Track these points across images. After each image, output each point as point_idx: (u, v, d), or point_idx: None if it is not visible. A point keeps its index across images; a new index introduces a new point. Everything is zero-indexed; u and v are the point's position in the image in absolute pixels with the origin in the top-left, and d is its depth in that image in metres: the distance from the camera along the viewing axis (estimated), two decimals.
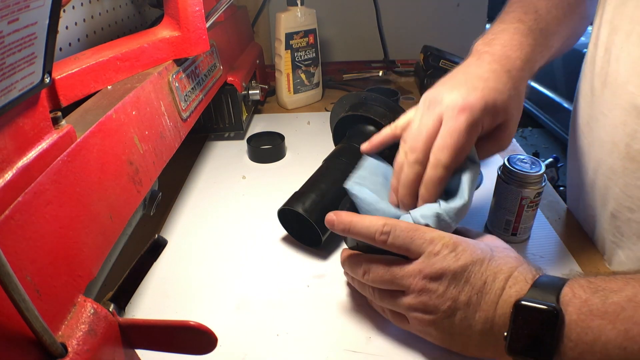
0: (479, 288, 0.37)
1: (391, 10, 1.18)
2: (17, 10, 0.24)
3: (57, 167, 0.31)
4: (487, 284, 0.37)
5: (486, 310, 0.37)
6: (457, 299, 0.38)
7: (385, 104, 0.63)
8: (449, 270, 0.38)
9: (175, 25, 0.55)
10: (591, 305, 0.33)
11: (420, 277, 0.39)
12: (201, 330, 0.31)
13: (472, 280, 0.38)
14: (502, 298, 0.37)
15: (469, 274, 0.38)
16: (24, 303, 0.23)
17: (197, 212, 0.65)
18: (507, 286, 0.37)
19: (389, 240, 0.40)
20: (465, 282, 0.38)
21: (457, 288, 0.38)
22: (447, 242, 0.39)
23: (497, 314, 0.37)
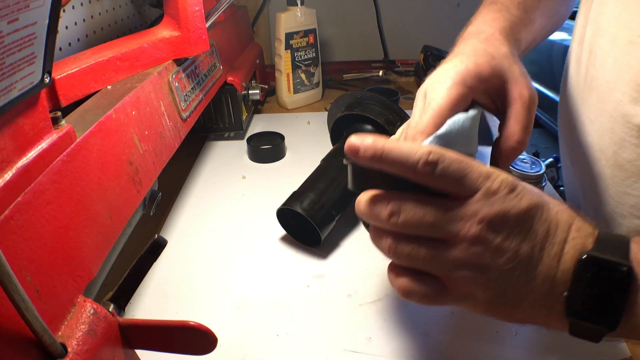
0: (542, 237, 0.30)
1: (391, 10, 1.18)
2: (17, 10, 0.24)
3: (57, 167, 0.31)
4: (551, 233, 0.31)
5: (548, 265, 0.30)
6: (518, 250, 0.30)
7: (381, 103, 0.63)
8: (511, 214, 0.30)
9: (175, 25, 0.55)
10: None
11: (476, 220, 0.30)
12: (201, 331, 0.31)
13: (536, 227, 0.30)
14: (565, 251, 0.30)
15: (532, 220, 0.31)
16: (23, 303, 0.23)
17: (197, 212, 0.65)
18: (569, 237, 0.31)
19: (438, 171, 0.30)
20: (527, 230, 0.30)
21: (519, 237, 0.30)
22: (505, 179, 0.31)
23: (559, 270, 0.30)
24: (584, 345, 0.43)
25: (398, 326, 0.46)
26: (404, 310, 0.48)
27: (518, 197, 0.30)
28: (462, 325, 0.46)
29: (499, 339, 0.45)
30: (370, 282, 0.52)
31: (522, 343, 0.44)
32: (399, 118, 0.62)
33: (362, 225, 0.62)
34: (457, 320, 0.47)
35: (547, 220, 0.31)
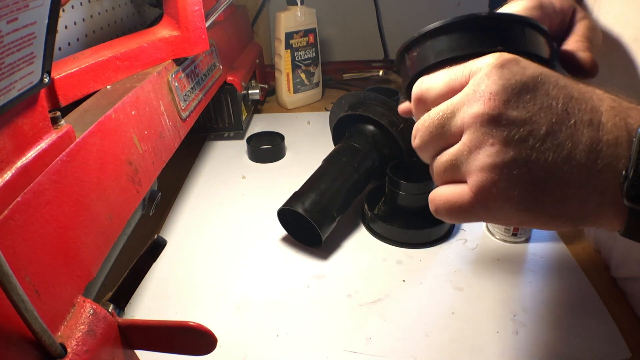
0: (565, 101, 0.26)
1: (391, 10, 1.18)
2: (16, 9, 0.24)
3: (57, 167, 0.31)
4: (574, 97, 0.26)
5: (584, 135, 0.25)
6: (537, 119, 0.25)
7: (384, 103, 0.63)
8: (514, 82, 0.26)
9: (175, 24, 0.55)
10: None
11: (477, 96, 0.26)
12: (201, 331, 0.31)
13: (551, 93, 0.26)
14: (603, 119, 0.25)
15: (543, 85, 0.26)
16: (23, 303, 0.23)
17: (196, 212, 0.65)
18: (603, 106, 0.26)
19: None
20: (543, 95, 0.26)
21: (532, 104, 0.26)
22: (500, 54, 0.27)
23: (603, 140, 0.25)
24: (584, 345, 0.43)
25: (398, 326, 0.46)
26: (404, 310, 0.48)
27: (521, 68, 0.27)
28: (462, 325, 0.46)
29: (499, 339, 0.44)
30: (370, 282, 0.52)
31: (522, 343, 0.44)
32: (401, 119, 0.62)
33: (365, 222, 0.62)
34: (457, 320, 0.47)
35: (565, 87, 0.26)
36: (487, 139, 0.26)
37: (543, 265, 0.53)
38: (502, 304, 0.48)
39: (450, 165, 0.28)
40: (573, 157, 0.25)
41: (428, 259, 0.55)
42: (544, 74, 0.26)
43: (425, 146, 0.30)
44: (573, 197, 0.25)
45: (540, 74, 0.26)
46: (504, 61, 0.27)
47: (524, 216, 0.27)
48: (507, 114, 0.25)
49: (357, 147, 0.62)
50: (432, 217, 0.59)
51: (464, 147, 0.27)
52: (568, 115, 0.25)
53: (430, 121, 0.29)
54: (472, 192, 0.27)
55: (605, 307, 0.47)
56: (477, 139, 0.26)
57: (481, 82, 0.27)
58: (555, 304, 0.48)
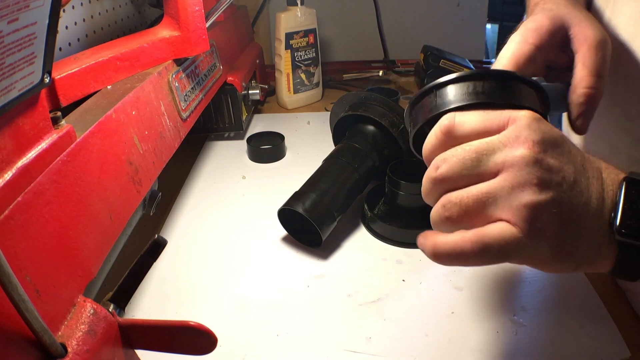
0: (581, 160, 0.31)
1: (391, 10, 1.18)
2: (17, 10, 0.24)
3: (57, 167, 0.31)
4: (586, 158, 0.31)
5: (595, 187, 0.30)
6: (567, 169, 0.29)
7: (385, 104, 0.63)
8: (550, 136, 0.30)
9: (175, 25, 0.55)
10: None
11: (521, 140, 0.29)
12: (201, 331, 0.31)
13: (573, 151, 0.31)
14: (604, 176, 0.31)
15: (568, 144, 0.31)
16: (23, 303, 0.23)
17: (197, 212, 0.65)
18: (603, 166, 0.31)
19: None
20: (568, 152, 0.30)
21: (562, 157, 0.30)
22: (532, 113, 0.31)
23: (607, 190, 0.30)
24: (584, 345, 0.43)
25: (398, 326, 0.46)
26: (404, 310, 0.48)
27: (550, 127, 0.30)
28: (462, 325, 0.46)
29: (499, 338, 0.45)
30: (370, 282, 0.52)
31: (522, 343, 0.44)
32: (402, 120, 0.62)
33: (365, 222, 0.62)
34: (457, 321, 0.47)
35: (577, 148, 0.31)
36: (531, 178, 0.28)
37: None
38: (502, 303, 0.48)
39: (482, 200, 0.29)
40: (589, 203, 0.29)
41: (428, 259, 0.55)
42: (562, 135, 0.31)
43: (453, 178, 0.30)
44: (585, 238, 0.29)
45: (561, 134, 0.31)
46: (538, 118, 0.30)
47: (549, 253, 0.29)
48: (546, 160, 0.29)
49: (357, 147, 0.62)
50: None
51: (504, 184, 0.29)
52: (584, 169, 0.30)
53: (466, 154, 0.30)
54: (520, 228, 0.28)
55: (605, 307, 0.47)
56: (521, 177, 0.28)
57: (523, 130, 0.29)
58: (555, 304, 0.48)
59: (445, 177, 0.31)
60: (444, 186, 0.31)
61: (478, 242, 0.28)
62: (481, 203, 0.29)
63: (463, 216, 0.30)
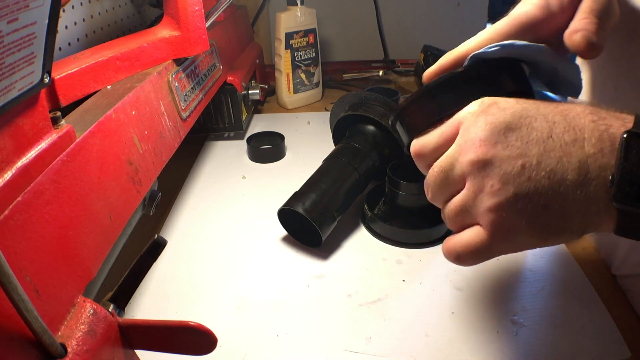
0: (549, 130, 0.28)
1: (391, 10, 1.18)
2: (17, 10, 0.24)
3: (57, 167, 0.31)
4: (558, 123, 0.28)
5: (571, 153, 0.27)
6: (526, 152, 0.28)
7: (385, 104, 0.63)
8: (497, 124, 0.29)
9: (175, 24, 0.55)
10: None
11: (475, 144, 0.29)
12: (201, 331, 0.31)
13: (536, 124, 0.28)
14: (588, 134, 0.27)
15: (528, 119, 0.29)
16: (23, 303, 0.23)
17: (197, 212, 0.65)
18: (588, 121, 0.28)
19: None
20: (529, 129, 0.28)
21: (523, 138, 0.28)
22: (483, 100, 0.31)
23: (590, 153, 0.27)
24: (584, 345, 0.43)
25: (398, 326, 0.46)
26: (404, 310, 0.48)
27: (501, 109, 0.29)
28: (462, 325, 0.46)
29: (499, 339, 0.45)
30: (370, 282, 0.52)
31: (522, 343, 0.44)
32: None
33: (365, 222, 0.62)
34: (457, 320, 0.47)
35: (545, 115, 0.29)
36: (487, 181, 0.29)
37: (543, 265, 0.53)
38: (501, 303, 0.48)
39: (459, 211, 0.31)
40: (565, 178, 0.27)
41: (428, 259, 0.55)
42: (524, 109, 0.29)
43: (437, 197, 0.33)
44: (575, 212, 0.28)
45: (521, 109, 0.29)
46: (484, 107, 0.30)
47: (537, 239, 0.29)
48: (498, 154, 0.28)
49: (357, 147, 0.62)
50: (432, 217, 0.59)
51: (469, 193, 0.30)
52: (553, 140, 0.28)
53: (435, 175, 0.32)
54: (488, 232, 0.29)
55: (605, 307, 0.47)
56: (478, 183, 0.29)
57: (469, 130, 0.30)
58: (555, 303, 0.48)
59: (433, 198, 0.34)
60: (440, 203, 0.34)
61: (450, 249, 0.32)
62: (460, 214, 0.31)
63: (456, 225, 0.32)
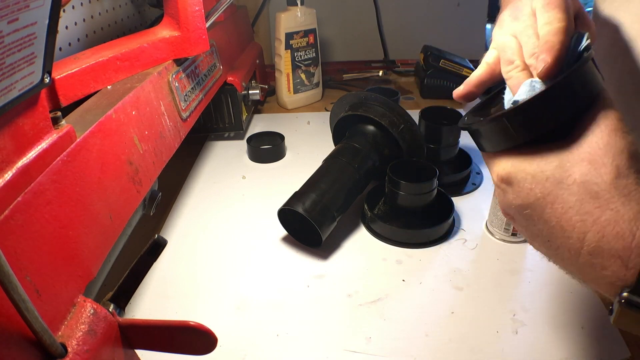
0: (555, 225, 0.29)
1: (391, 10, 1.18)
2: (17, 10, 0.24)
3: (57, 167, 0.31)
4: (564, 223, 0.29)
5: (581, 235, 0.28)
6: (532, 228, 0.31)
7: (385, 104, 0.63)
8: (509, 206, 0.32)
9: (175, 25, 0.55)
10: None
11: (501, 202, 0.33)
12: (201, 331, 0.31)
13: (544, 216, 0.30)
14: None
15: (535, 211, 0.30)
16: (23, 303, 0.23)
17: (197, 212, 0.65)
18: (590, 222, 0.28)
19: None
20: (534, 217, 0.30)
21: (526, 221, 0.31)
22: (500, 173, 0.32)
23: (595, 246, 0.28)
24: (584, 345, 0.43)
25: (398, 326, 0.46)
26: (404, 310, 0.48)
27: (514, 193, 0.31)
28: (462, 325, 0.46)
29: (499, 338, 0.45)
30: (370, 282, 0.52)
31: (522, 343, 0.44)
32: (402, 120, 0.62)
33: (365, 222, 0.62)
34: (457, 320, 0.47)
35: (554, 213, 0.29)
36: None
37: (542, 265, 0.53)
38: (501, 303, 0.48)
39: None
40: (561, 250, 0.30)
41: (428, 259, 0.55)
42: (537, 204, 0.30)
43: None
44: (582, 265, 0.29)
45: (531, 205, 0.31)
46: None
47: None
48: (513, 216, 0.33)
49: (357, 147, 0.62)
50: (431, 217, 0.59)
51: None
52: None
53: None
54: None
55: (604, 307, 0.47)
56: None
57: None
58: (554, 303, 0.48)
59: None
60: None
61: None
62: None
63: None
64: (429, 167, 0.58)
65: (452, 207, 0.60)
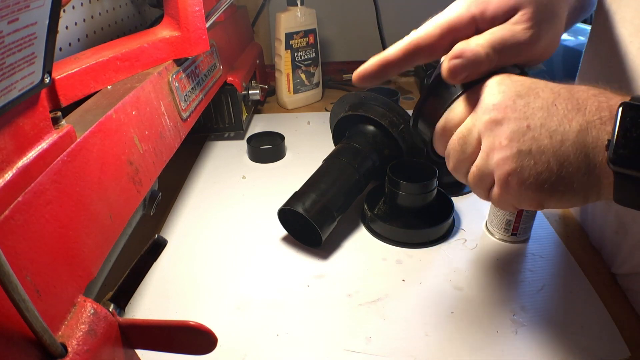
0: (554, 98, 0.31)
1: (391, 10, 1.18)
2: (17, 10, 0.24)
3: (57, 167, 0.31)
4: (562, 94, 0.31)
5: (572, 118, 0.30)
6: (532, 115, 0.31)
7: (385, 104, 0.63)
8: (508, 92, 0.32)
9: (175, 25, 0.55)
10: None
11: (484, 114, 0.33)
12: (201, 331, 0.31)
13: (542, 94, 0.32)
14: (590, 104, 0.30)
15: (535, 90, 0.32)
16: (23, 303, 0.23)
17: (197, 212, 0.65)
18: (590, 95, 0.31)
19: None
20: (535, 98, 0.31)
21: (530, 104, 0.32)
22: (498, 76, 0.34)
23: (589, 119, 0.30)
24: (584, 345, 0.43)
25: (398, 326, 0.46)
26: (404, 310, 0.48)
27: (512, 80, 0.33)
28: (462, 325, 0.46)
29: (499, 339, 0.45)
30: (370, 282, 0.52)
31: (522, 343, 0.44)
32: (402, 120, 0.62)
33: (365, 222, 0.62)
34: (457, 320, 0.47)
35: (552, 89, 0.32)
36: (496, 140, 0.32)
37: (543, 265, 0.53)
38: (501, 303, 0.49)
39: (478, 174, 0.34)
40: (566, 139, 0.30)
41: (428, 259, 0.55)
42: (533, 82, 0.33)
43: (458, 167, 0.36)
44: (575, 171, 0.30)
45: (530, 82, 0.33)
46: (500, 79, 0.33)
47: (541, 196, 0.32)
48: (507, 116, 0.32)
49: (357, 147, 0.62)
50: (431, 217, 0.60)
51: (483, 154, 0.33)
52: (556, 107, 0.31)
53: (455, 142, 0.35)
54: (498, 186, 0.33)
55: (604, 307, 0.47)
56: (489, 142, 0.32)
57: (484, 99, 0.33)
58: (554, 303, 0.48)
59: (454, 168, 0.36)
60: (462, 174, 0.36)
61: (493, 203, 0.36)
62: (480, 178, 0.34)
63: (482, 190, 0.35)
64: (429, 167, 0.58)
65: (452, 207, 0.60)
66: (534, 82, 0.33)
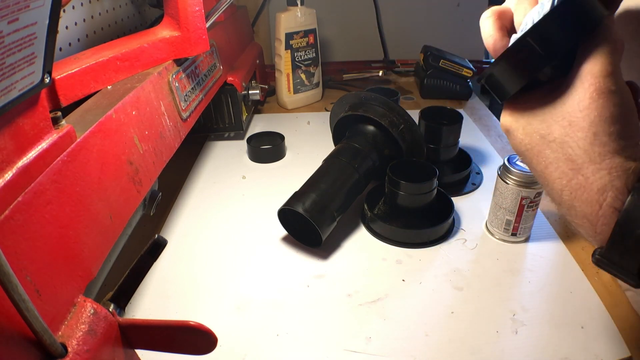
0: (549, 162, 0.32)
1: (391, 10, 1.18)
2: (17, 10, 0.24)
3: (57, 167, 0.31)
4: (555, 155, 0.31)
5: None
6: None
7: (385, 104, 0.63)
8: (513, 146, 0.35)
9: (175, 25, 0.55)
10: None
11: None
12: (201, 331, 0.31)
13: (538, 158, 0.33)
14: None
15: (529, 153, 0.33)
16: (24, 303, 0.23)
17: (197, 212, 0.65)
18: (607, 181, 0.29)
19: None
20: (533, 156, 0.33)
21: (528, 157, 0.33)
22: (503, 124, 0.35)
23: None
24: (584, 345, 0.43)
25: (398, 326, 0.46)
26: (404, 310, 0.48)
27: (512, 141, 0.34)
28: (462, 325, 0.46)
29: (499, 338, 0.45)
30: (370, 282, 0.52)
31: (522, 342, 0.44)
32: (402, 120, 0.62)
33: (365, 222, 0.62)
34: (457, 320, 0.47)
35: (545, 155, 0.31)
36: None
37: (542, 265, 0.53)
38: (501, 303, 0.49)
39: None
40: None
41: (428, 259, 0.55)
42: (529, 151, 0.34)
43: None
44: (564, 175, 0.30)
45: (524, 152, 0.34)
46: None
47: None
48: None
49: (357, 147, 0.62)
50: (431, 217, 0.60)
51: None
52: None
53: None
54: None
55: (604, 307, 0.47)
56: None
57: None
58: (554, 303, 0.48)
59: None
60: None
61: None
62: None
63: None
64: (429, 167, 0.58)
65: (452, 207, 0.60)
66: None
